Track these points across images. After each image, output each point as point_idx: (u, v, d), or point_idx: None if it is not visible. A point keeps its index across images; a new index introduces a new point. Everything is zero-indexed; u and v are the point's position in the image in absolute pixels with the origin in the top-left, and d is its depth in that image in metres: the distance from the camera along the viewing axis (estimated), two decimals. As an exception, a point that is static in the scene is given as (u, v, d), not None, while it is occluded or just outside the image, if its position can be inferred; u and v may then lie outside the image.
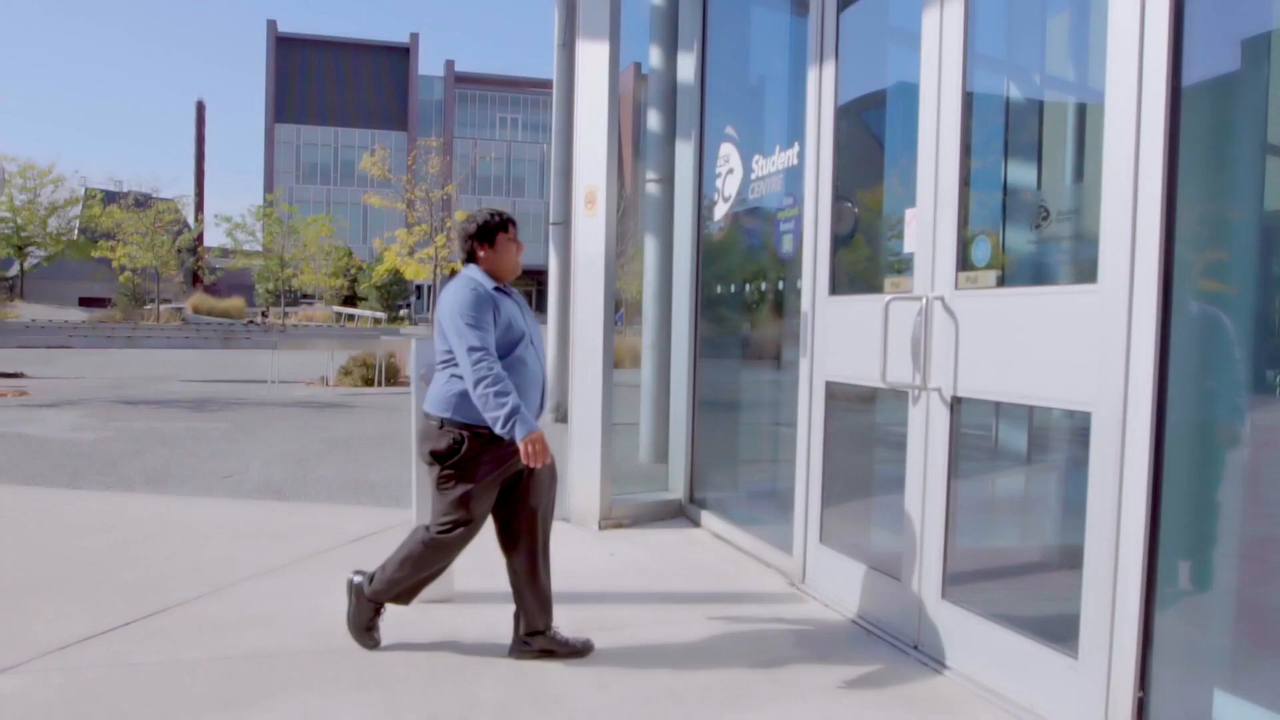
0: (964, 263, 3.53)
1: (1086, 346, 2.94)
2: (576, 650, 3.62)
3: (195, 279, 54.39)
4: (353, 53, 69.60)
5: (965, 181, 3.56)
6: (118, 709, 3.08)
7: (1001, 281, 3.39)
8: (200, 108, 71.74)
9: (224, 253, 49.41)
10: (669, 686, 3.35)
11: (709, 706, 3.19)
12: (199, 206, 62.30)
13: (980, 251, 3.49)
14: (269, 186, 62.96)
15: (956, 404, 3.57)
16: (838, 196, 4.41)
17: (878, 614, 4.00)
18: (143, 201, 44.71)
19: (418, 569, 3.60)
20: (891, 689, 3.38)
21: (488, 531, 3.61)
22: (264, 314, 47.52)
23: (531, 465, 3.35)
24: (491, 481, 3.49)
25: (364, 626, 3.66)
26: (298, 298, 52.84)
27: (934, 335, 3.63)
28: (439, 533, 3.54)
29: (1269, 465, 2.68)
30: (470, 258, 3.64)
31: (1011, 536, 3.98)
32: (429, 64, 78.65)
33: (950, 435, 3.58)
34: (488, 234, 3.61)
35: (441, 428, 3.47)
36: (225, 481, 7.21)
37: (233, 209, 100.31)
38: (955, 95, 3.56)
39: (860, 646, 3.82)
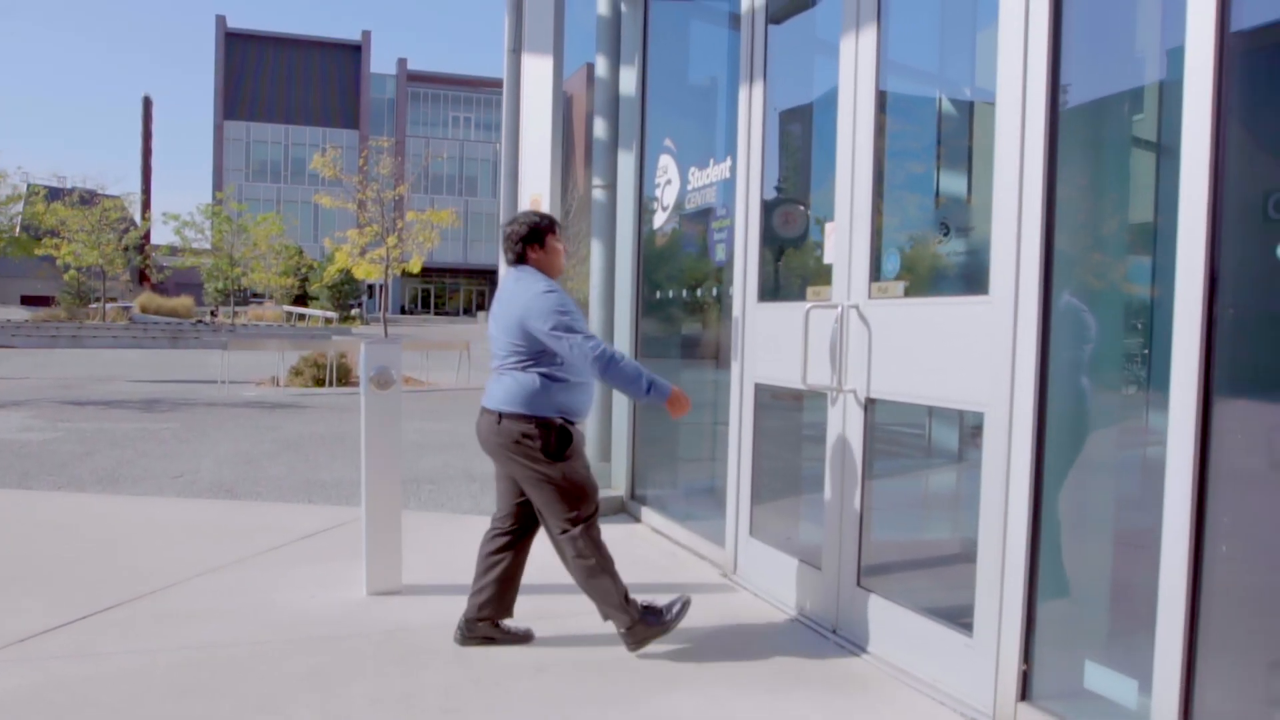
0: (876, 274, 3.81)
1: (980, 352, 3.22)
2: (518, 638, 3.84)
3: (142, 277, 53.68)
4: (303, 50, 69.07)
5: (878, 199, 3.84)
6: (83, 696, 3.25)
7: (908, 292, 3.67)
8: (147, 104, 70.76)
9: (172, 251, 48.80)
10: (605, 669, 3.59)
11: (641, 687, 3.43)
12: (146, 204, 61.50)
13: (890, 264, 3.77)
14: (218, 184, 62.32)
15: (870, 405, 3.84)
16: (788, 201, 4.67)
17: (801, 602, 4.26)
18: (88, 199, 44.02)
19: (601, 567, 3.71)
20: (811, 670, 3.65)
21: (439, 526, 3.80)
22: (213, 313, 47.06)
23: (677, 416, 3.71)
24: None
25: (668, 618, 3.78)
26: (247, 297, 52.36)
27: (850, 341, 3.90)
28: (582, 528, 3.68)
29: (1133, 458, 2.97)
30: (520, 259, 3.81)
31: (926, 528, 4.26)
32: (381, 62, 78.15)
33: (864, 434, 3.86)
34: (538, 236, 3.80)
35: (533, 424, 3.59)
36: (177, 481, 7.32)
37: (181, 206, 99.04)
38: (869, 122, 3.83)
39: (784, 632, 4.08)
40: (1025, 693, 3.08)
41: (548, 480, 3.64)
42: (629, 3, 6.47)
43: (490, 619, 3.81)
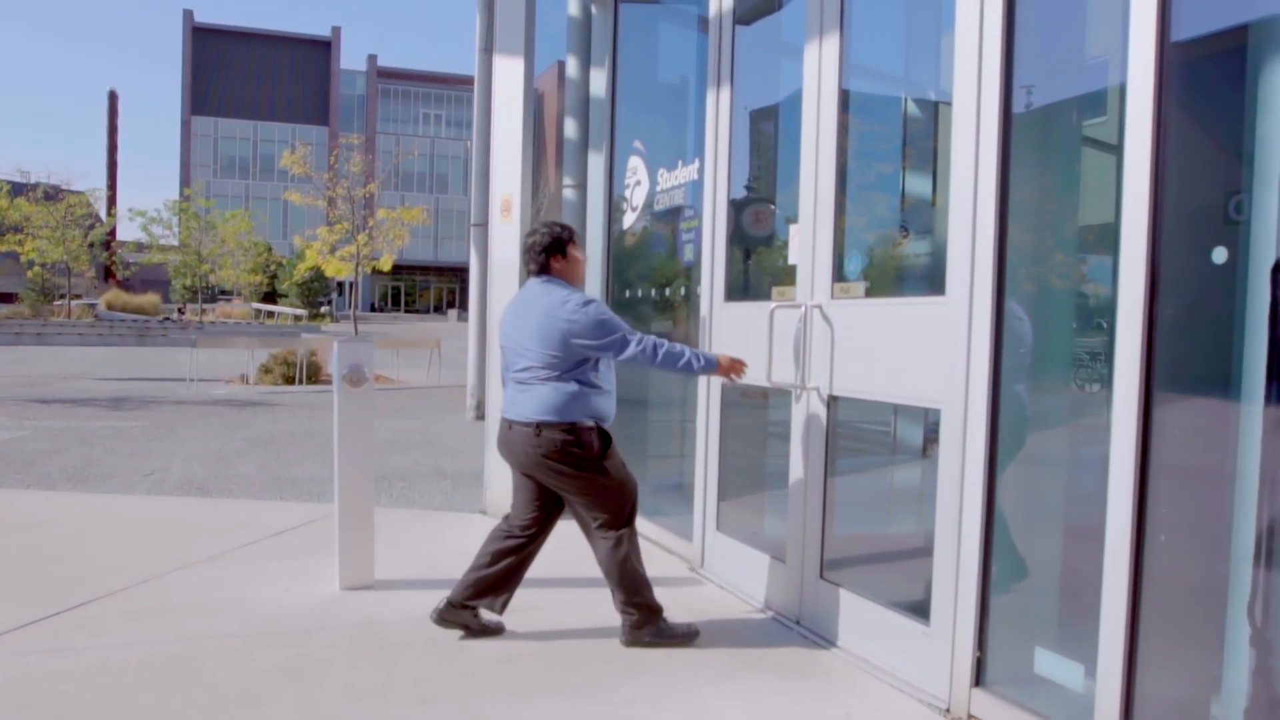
0: (839, 275, 3.92)
1: (937, 351, 3.34)
2: (490, 631, 3.92)
3: (108, 274, 53.06)
4: (272, 45, 68.55)
5: (841, 202, 3.95)
6: (58, 690, 3.29)
7: (869, 292, 3.79)
8: (113, 98, 69.89)
9: (139, 247, 48.23)
10: (573, 660, 3.68)
11: (610, 678, 3.52)
12: (112, 200, 60.74)
13: (852, 265, 3.88)
14: (186, 180, 61.69)
15: (833, 402, 3.95)
16: (755, 202, 4.77)
17: (766, 594, 4.37)
18: (53, 194, 43.43)
19: (634, 564, 3.85)
20: (775, 659, 3.75)
21: (410, 522, 3.87)
22: (181, 310, 46.66)
23: (737, 377, 3.94)
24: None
25: (674, 635, 3.87)
26: (215, 294, 51.94)
27: (813, 340, 4.01)
28: (622, 521, 3.84)
29: (1085, 454, 3.10)
30: (544, 269, 3.88)
31: (889, 523, 4.38)
32: (351, 58, 77.69)
33: (827, 430, 3.97)
34: (561, 246, 3.88)
35: (573, 431, 3.68)
36: (147, 479, 7.34)
37: (148, 203, 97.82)
38: (832, 126, 3.94)
39: (750, 624, 4.19)
40: (979, 679, 3.19)
41: (594, 484, 3.76)
42: (599, 5, 6.55)
43: (474, 608, 3.88)
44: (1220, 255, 2.64)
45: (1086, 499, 2.98)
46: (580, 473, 3.72)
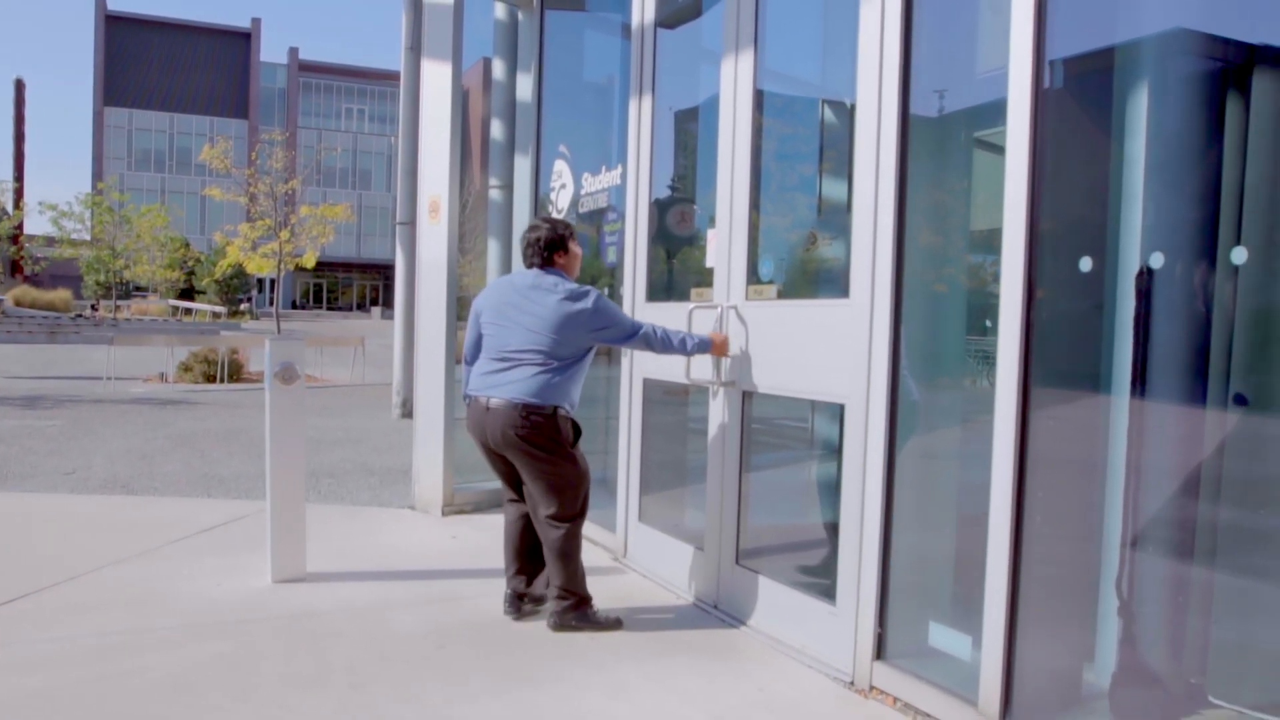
0: (754, 277, 4.15)
1: (843, 350, 3.58)
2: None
3: (16, 269, 51.39)
4: (189, 36, 66.91)
5: (755, 208, 4.18)
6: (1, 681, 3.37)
7: (782, 294, 4.03)
8: (19, 87, 67.61)
9: (49, 242, 46.77)
10: (504, 645, 3.85)
11: (538, 660, 3.70)
12: (19, 193, 58.63)
13: (766, 268, 4.12)
14: (99, 173, 60.02)
15: (748, 398, 4.18)
16: (677, 204, 4.98)
17: (686, 581, 4.59)
18: (-45, 186, 41.98)
19: (576, 555, 4.03)
20: (693, 641, 3.97)
21: (340, 518, 3.98)
22: (94, 307, 45.35)
23: (727, 355, 4.21)
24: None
25: (600, 621, 4.05)
26: (130, 290, 50.61)
27: (729, 339, 4.23)
28: (575, 514, 4.01)
29: (977, 445, 3.37)
30: (546, 263, 4.06)
31: (803, 513, 4.62)
32: (271, 51, 76.06)
33: (742, 425, 4.20)
34: (563, 243, 4.07)
35: (554, 416, 3.87)
36: (69, 478, 7.28)
37: (58, 196, 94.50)
38: (746, 135, 4.17)
39: (670, 609, 4.41)
40: (880, 652, 3.45)
41: (559, 470, 3.94)
42: (525, 10, 6.71)
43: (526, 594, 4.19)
44: (1086, 264, 2.93)
45: (979, 485, 3.26)
46: (551, 457, 3.91)
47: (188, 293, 49.95)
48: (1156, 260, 2.86)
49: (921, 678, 3.28)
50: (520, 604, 4.17)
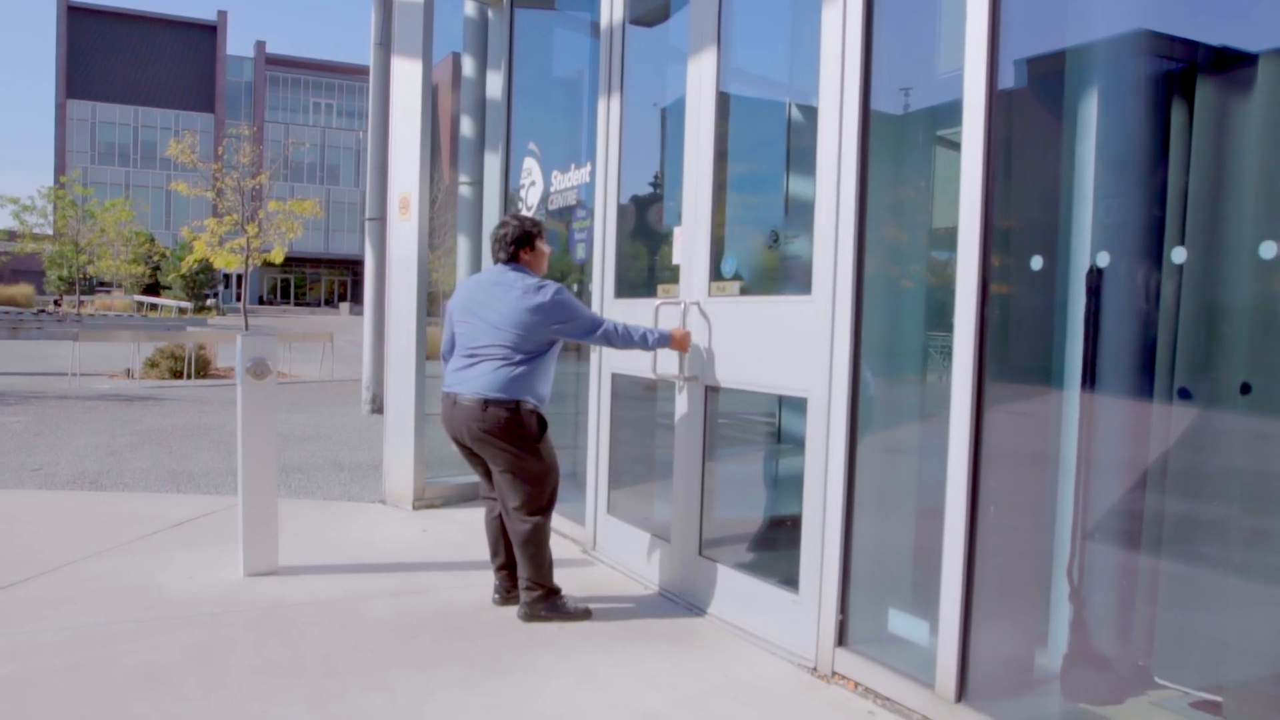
0: (717, 274, 4.24)
1: (805, 345, 3.68)
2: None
3: (-24, 264, 50.66)
4: (154, 28, 66.12)
5: (719, 206, 4.27)
6: (-37, 673, 3.39)
7: (745, 290, 4.12)
8: (-20, 79, 66.49)
9: (10, 236, 46.13)
10: (472, 635, 3.92)
11: (508, 650, 3.77)
12: (-20, 186, 57.78)
13: (729, 265, 4.21)
14: (61, 167, 59.20)
15: (712, 392, 4.27)
16: (649, 200, 5.06)
17: (653, 572, 4.68)
18: (-85, 180, 41.26)
19: (545, 546, 4.11)
20: (660, 630, 4.06)
21: (310, 512, 4.03)
22: (57, 302, 44.81)
23: (687, 350, 4.29)
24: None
25: (569, 612, 4.12)
26: (94, 285, 50.03)
27: (693, 335, 4.32)
28: (542, 507, 4.09)
29: (930, 438, 3.48)
30: (512, 259, 4.14)
31: (769, 505, 4.72)
32: (238, 44, 75.39)
33: (706, 419, 4.29)
34: (530, 240, 4.16)
35: (517, 410, 3.95)
36: (36, 474, 7.25)
37: (20, 189, 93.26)
38: (710, 134, 4.26)
39: (637, 599, 4.49)
40: (842, 639, 3.55)
41: (525, 463, 4.02)
42: (495, 8, 6.76)
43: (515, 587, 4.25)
44: (1038, 262, 3.04)
45: (938, 477, 3.36)
46: (516, 450, 3.99)
47: (153, 288, 49.45)
48: (1104, 259, 2.97)
49: (881, 663, 3.38)
50: (508, 593, 4.28)
